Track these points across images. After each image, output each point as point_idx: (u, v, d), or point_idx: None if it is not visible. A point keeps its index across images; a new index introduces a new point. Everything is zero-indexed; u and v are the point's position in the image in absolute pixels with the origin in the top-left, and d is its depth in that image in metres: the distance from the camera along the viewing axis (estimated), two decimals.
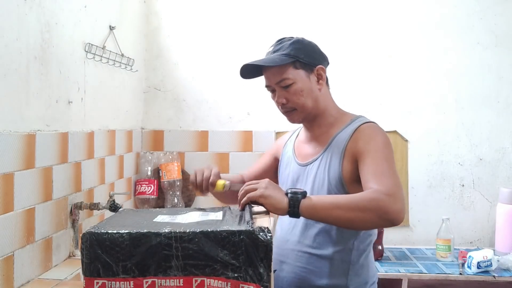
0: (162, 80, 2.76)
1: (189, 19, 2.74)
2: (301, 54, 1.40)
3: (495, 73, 2.67)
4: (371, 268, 1.45)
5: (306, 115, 1.44)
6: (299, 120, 1.47)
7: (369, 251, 1.43)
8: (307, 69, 1.41)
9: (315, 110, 1.44)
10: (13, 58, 1.48)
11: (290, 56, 1.39)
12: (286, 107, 1.43)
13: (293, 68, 1.40)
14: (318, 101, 1.44)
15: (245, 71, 1.45)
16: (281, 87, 1.40)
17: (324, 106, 1.46)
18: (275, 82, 1.41)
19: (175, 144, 2.75)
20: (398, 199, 1.21)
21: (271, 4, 2.71)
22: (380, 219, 1.19)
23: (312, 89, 1.42)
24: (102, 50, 2.08)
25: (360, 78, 2.70)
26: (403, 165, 2.70)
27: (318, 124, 1.47)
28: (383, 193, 1.20)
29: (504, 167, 2.68)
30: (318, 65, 1.43)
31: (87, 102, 2.00)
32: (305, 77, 1.41)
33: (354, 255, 1.38)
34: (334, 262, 1.37)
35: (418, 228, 2.69)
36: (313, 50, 1.45)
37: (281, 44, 1.44)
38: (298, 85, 1.40)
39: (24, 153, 1.54)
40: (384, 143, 1.35)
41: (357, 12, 2.70)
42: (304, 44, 1.44)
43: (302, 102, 1.41)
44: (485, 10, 2.66)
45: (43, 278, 1.63)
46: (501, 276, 2.16)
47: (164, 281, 0.98)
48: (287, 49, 1.40)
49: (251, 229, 0.97)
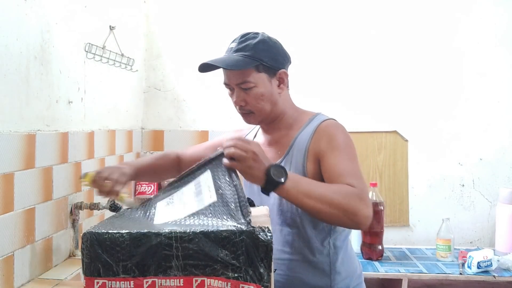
0: (162, 80, 2.76)
1: (189, 19, 2.74)
2: (265, 57, 1.35)
3: (495, 72, 2.67)
4: (352, 262, 1.43)
5: (264, 119, 1.41)
6: (256, 123, 1.44)
7: (346, 246, 1.42)
8: (269, 73, 1.37)
9: (273, 113, 1.41)
10: (13, 58, 1.48)
11: (253, 58, 1.34)
12: (244, 109, 1.39)
13: (256, 72, 1.34)
14: (276, 104, 1.40)
15: (203, 65, 1.39)
16: (241, 88, 1.36)
17: (282, 109, 1.42)
18: (236, 83, 1.36)
19: (175, 144, 2.75)
20: (369, 204, 1.20)
21: (271, 4, 2.71)
22: (348, 219, 1.18)
23: (273, 93, 1.38)
24: (102, 50, 2.08)
25: (360, 78, 2.70)
26: (403, 165, 2.70)
27: (277, 127, 1.44)
28: (357, 195, 1.19)
29: (504, 167, 2.68)
30: (281, 69, 1.39)
31: (87, 102, 2.00)
32: (267, 81, 1.36)
33: (332, 253, 1.37)
34: (315, 265, 1.36)
35: (418, 228, 2.70)
36: (277, 52, 1.40)
37: (245, 42, 1.37)
38: (259, 89, 1.35)
39: (24, 153, 1.54)
40: (345, 142, 1.33)
41: (358, 12, 2.70)
42: (269, 45, 1.38)
43: (261, 106, 1.37)
44: (485, 10, 2.67)
45: (43, 278, 1.63)
46: (501, 276, 2.16)
47: (164, 281, 0.97)
48: (251, 50, 1.35)
49: (252, 229, 0.97)
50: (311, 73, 2.68)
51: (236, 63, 1.34)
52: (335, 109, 2.70)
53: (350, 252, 1.44)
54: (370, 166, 2.69)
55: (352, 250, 1.47)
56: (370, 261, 2.32)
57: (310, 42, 2.67)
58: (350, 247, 1.46)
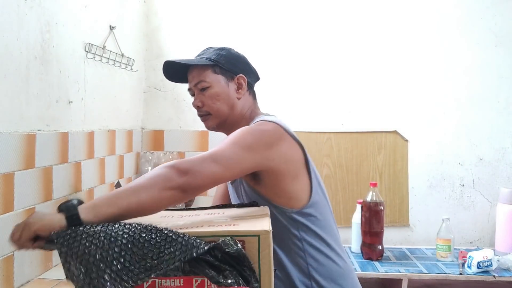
0: (162, 80, 2.76)
1: (189, 18, 2.74)
2: (222, 60, 1.39)
3: (495, 73, 2.67)
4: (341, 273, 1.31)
5: (221, 122, 1.41)
6: (213, 126, 1.43)
7: (333, 252, 1.31)
8: (227, 76, 1.40)
9: (231, 117, 1.40)
10: (13, 58, 1.48)
11: (210, 60, 1.39)
12: (202, 111, 1.41)
13: (212, 72, 1.39)
14: (234, 108, 1.40)
15: (170, 72, 1.44)
16: (199, 89, 1.40)
17: (240, 114, 1.41)
18: (194, 84, 1.41)
19: (175, 144, 2.75)
20: (187, 170, 1.08)
21: (271, 4, 2.71)
22: (163, 189, 1.04)
23: (230, 96, 1.39)
24: (102, 50, 2.08)
25: (360, 78, 2.70)
26: (403, 165, 2.70)
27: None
28: (168, 165, 1.08)
29: (504, 167, 2.68)
30: (239, 74, 1.41)
31: (87, 102, 2.00)
32: (224, 83, 1.39)
33: (309, 255, 1.28)
34: (289, 269, 1.28)
35: (418, 228, 2.70)
36: (238, 60, 1.43)
37: (207, 49, 1.45)
38: (214, 89, 1.38)
39: (24, 153, 1.54)
40: (235, 135, 1.23)
41: (359, 13, 2.70)
42: (230, 53, 1.43)
43: (217, 107, 1.39)
44: (485, 10, 2.67)
45: (43, 278, 1.63)
46: (501, 276, 2.16)
47: (165, 281, 0.97)
48: (210, 54, 1.41)
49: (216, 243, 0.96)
50: (311, 73, 2.68)
51: (192, 61, 1.40)
52: (335, 109, 2.71)
53: (340, 262, 1.33)
54: (370, 166, 2.69)
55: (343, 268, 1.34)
56: (370, 261, 2.32)
57: (310, 42, 2.67)
58: (343, 260, 1.34)
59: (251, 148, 1.20)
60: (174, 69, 1.43)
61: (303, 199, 1.30)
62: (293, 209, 1.29)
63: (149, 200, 1.04)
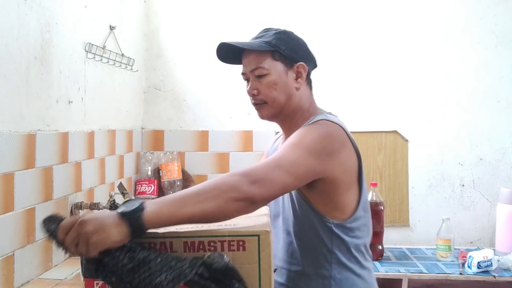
0: (162, 80, 2.76)
1: (189, 19, 2.74)
2: (282, 45, 1.27)
3: (495, 73, 2.67)
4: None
5: (277, 112, 1.31)
6: (268, 116, 1.33)
7: (354, 269, 1.25)
8: (286, 63, 1.29)
9: (287, 108, 1.30)
10: (13, 58, 1.48)
11: (270, 44, 1.27)
12: (257, 99, 1.30)
13: (271, 59, 1.27)
14: (292, 99, 1.30)
15: (223, 54, 1.33)
16: (255, 76, 1.28)
17: (298, 106, 1.31)
18: (250, 69, 1.29)
19: (175, 144, 2.75)
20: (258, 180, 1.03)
21: (271, 4, 2.71)
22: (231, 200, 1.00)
23: (288, 85, 1.29)
24: (102, 50, 2.08)
25: (361, 78, 2.70)
26: (403, 165, 2.70)
27: (293, 125, 1.32)
28: (237, 174, 1.03)
29: (504, 167, 2.68)
30: (299, 61, 1.30)
31: (87, 102, 2.00)
32: (283, 71, 1.28)
33: (335, 269, 1.23)
34: (311, 278, 1.23)
35: (418, 228, 2.69)
36: (298, 45, 1.32)
37: (266, 32, 1.32)
38: (272, 77, 1.27)
39: (24, 153, 1.54)
40: (301, 135, 1.18)
41: (358, 12, 2.70)
42: (290, 37, 1.32)
43: (274, 96, 1.28)
44: (485, 10, 2.67)
45: (43, 278, 1.63)
46: (501, 276, 2.16)
47: None
48: (269, 37, 1.28)
49: (204, 260, 0.93)
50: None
51: (251, 45, 1.29)
52: (335, 109, 2.70)
53: (366, 277, 1.28)
54: (370, 166, 2.69)
55: (367, 281, 1.28)
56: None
57: (310, 42, 2.67)
58: (368, 272, 1.29)
59: (318, 153, 1.15)
60: (227, 50, 1.32)
61: (347, 212, 1.24)
62: (334, 221, 1.23)
63: (214, 211, 0.99)
